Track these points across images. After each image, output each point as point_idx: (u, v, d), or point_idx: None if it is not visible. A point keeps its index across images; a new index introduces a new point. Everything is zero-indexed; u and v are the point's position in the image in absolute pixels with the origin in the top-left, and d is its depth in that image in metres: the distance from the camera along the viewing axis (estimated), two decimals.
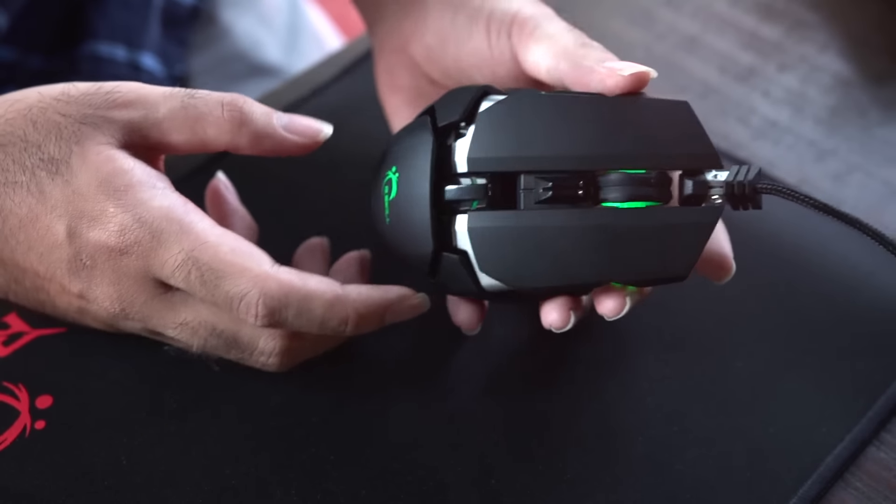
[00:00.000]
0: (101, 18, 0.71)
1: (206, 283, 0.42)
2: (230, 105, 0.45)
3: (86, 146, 0.43)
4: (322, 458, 0.47)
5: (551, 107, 0.43)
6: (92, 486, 0.45)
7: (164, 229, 0.42)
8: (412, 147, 0.45)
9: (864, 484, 0.47)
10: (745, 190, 0.43)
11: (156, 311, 0.44)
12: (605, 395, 0.49)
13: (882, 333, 0.51)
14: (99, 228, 0.43)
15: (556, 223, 0.42)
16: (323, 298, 0.43)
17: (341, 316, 0.43)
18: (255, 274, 0.42)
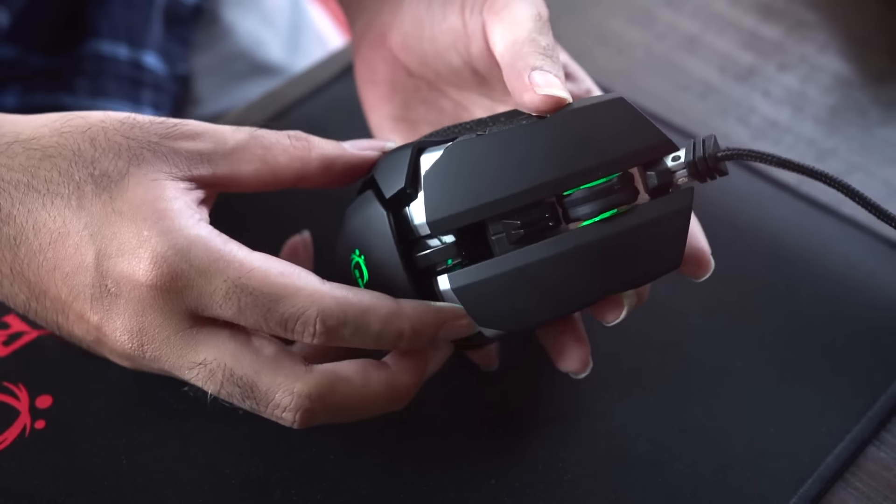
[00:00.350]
0: (103, 17, 0.71)
1: (259, 307, 0.40)
2: (296, 135, 0.45)
3: (144, 170, 0.42)
4: (322, 458, 0.47)
5: (492, 147, 0.42)
6: (92, 486, 0.45)
7: (203, 258, 0.40)
8: (369, 227, 0.44)
9: (864, 484, 0.47)
10: (708, 163, 0.42)
11: (175, 348, 0.42)
12: (605, 395, 0.49)
13: (882, 333, 0.51)
14: (129, 254, 0.41)
15: (538, 258, 0.41)
16: (379, 313, 0.41)
17: (397, 330, 0.42)
18: (310, 292, 0.41)
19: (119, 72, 0.71)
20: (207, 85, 0.76)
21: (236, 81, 0.76)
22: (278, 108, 0.61)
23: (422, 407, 0.48)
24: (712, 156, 0.42)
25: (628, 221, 0.42)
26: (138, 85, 0.72)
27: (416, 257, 0.43)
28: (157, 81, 0.72)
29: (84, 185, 0.42)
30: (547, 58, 0.44)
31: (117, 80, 0.71)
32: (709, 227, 0.56)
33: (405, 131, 0.52)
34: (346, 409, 0.43)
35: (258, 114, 0.61)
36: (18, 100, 0.70)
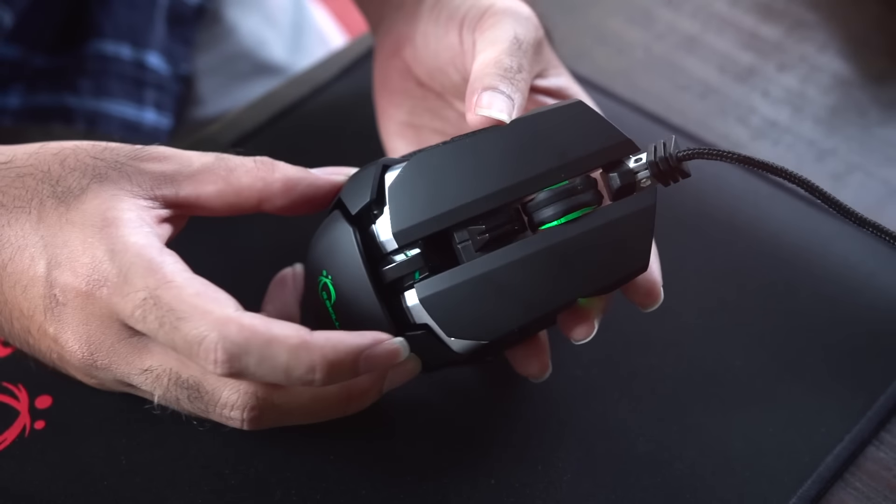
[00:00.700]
0: (106, 17, 0.71)
1: (164, 324, 0.40)
2: (261, 159, 0.45)
3: (105, 186, 0.42)
4: (322, 458, 0.47)
5: (453, 156, 0.42)
6: (92, 486, 0.45)
7: (131, 265, 0.40)
8: (336, 244, 0.44)
9: (863, 484, 0.47)
10: (670, 163, 0.43)
11: (121, 356, 0.42)
12: (605, 396, 0.49)
13: (882, 333, 0.51)
14: (75, 261, 0.41)
15: (504, 262, 0.41)
16: (287, 343, 0.39)
17: (307, 363, 0.39)
18: (215, 317, 0.39)
19: (122, 72, 0.71)
20: (210, 85, 0.76)
21: (239, 81, 0.76)
22: (279, 107, 0.61)
23: (422, 407, 0.49)
24: (673, 156, 0.42)
25: (593, 222, 0.42)
26: (141, 85, 0.72)
27: (383, 272, 0.43)
28: (160, 81, 0.73)
29: (46, 200, 0.43)
30: (504, 79, 0.45)
31: (120, 80, 0.71)
32: (708, 227, 0.56)
33: (410, 136, 0.53)
34: (297, 408, 0.42)
35: (259, 114, 0.61)
36: (22, 100, 0.70)
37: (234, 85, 0.76)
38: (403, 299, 0.43)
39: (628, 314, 0.52)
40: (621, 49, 0.67)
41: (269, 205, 0.45)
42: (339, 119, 0.49)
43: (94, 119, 0.70)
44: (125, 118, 0.71)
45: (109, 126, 0.71)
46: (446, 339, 0.43)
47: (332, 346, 0.39)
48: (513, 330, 0.42)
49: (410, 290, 0.42)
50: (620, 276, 0.43)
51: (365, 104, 0.58)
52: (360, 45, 0.65)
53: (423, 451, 0.47)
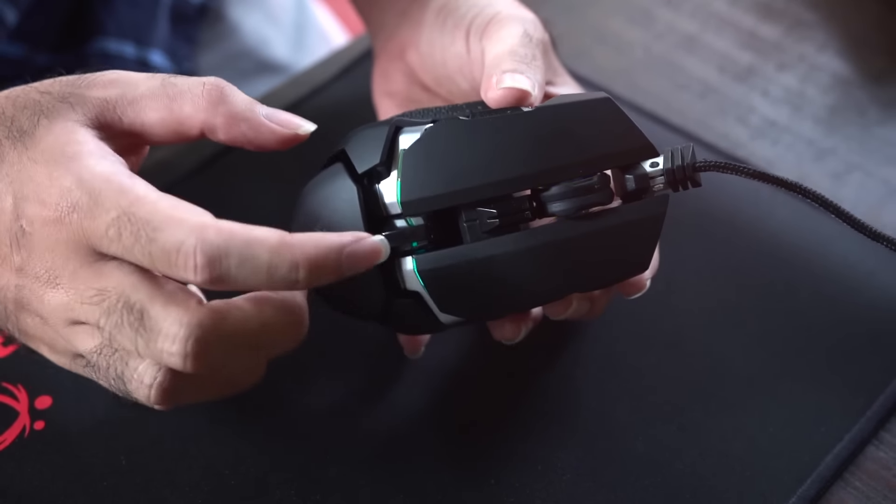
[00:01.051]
0: (109, 15, 0.71)
1: (140, 237, 0.39)
2: (211, 84, 0.44)
3: (54, 120, 0.43)
4: (322, 458, 0.47)
5: (474, 133, 0.42)
6: (92, 486, 0.45)
7: (102, 190, 0.40)
8: (336, 201, 0.43)
9: (863, 483, 0.47)
10: (685, 172, 0.43)
11: (82, 280, 0.41)
12: (604, 395, 0.49)
13: (881, 333, 0.51)
14: (42, 194, 0.41)
15: (508, 250, 0.41)
16: (267, 243, 0.38)
17: (290, 260, 0.38)
18: (192, 223, 0.39)
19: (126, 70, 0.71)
20: None
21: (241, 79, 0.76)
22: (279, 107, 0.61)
23: (421, 407, 0.49)
24: (690, 165, 0.43)
25: (603, 222, 0.42)
26: None
27: (386, 236, 0.41)
28: None
29: (3, 141, 0.43)
30: (522, 63, 0.45)
31: None
32: (708, 227, 0.56)
33: None
34: (242, 337, 0.40)
35: None
36: None
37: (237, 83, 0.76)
38: (399, 263, 0.42)
39: (628, 314, 0.52)
40: (621, 49, 0.67)
41: (212, 136, 0.44)
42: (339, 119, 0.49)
43: None
44: None
45: None
46: (435, 309, 0.43)
47: (314, 243, 0.39)
48: (500, 315, 0.43)
49: (407, 257, 0.42)
50: (618, 278, 0.43)
51: (365, 104, 0.58)
52: (360, 45, 0.65)
53: (422, 450, 0.47)
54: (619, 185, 0.43)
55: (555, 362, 0.50)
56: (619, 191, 0.43)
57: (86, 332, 0.42)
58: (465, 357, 0.50)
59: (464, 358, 0.50)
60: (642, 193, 0.43)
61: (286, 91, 0.63)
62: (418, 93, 0.53)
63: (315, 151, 0.48)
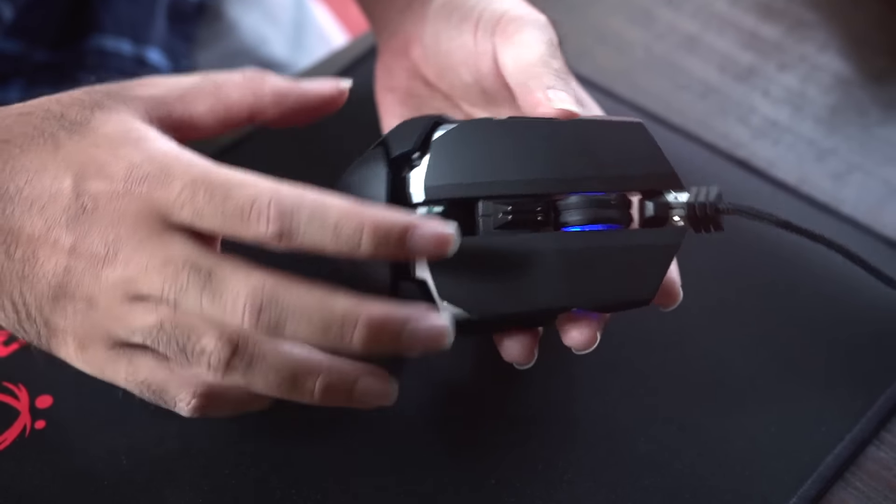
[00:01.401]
0: (106, 12, 0.71)
1: (214, 197, 0.40)
2: (249, 71, 0.46)
3: (108, 112, 0.44)
4: (322, 458, 0.47)
5: (506, 133, 0.43)
6: (92, 485, 0.45)
7: (172, 162, 0.41)
8: (365, 179, 0.44)
9: (864, 483, 0.47)
10: (708, 211, 0.42)
11: (147, 249, 0.41)
12: (605, 395, 0.49)
13: (882, 333, 0.51)
14: (107, 171, 0.42)
15: (517, 248, 0.42)
16: (338, 205, 0.40)
17: (356, 223, 0.39)
18: (267, 183, 0.40)
19: (122, 67, 0.71)
20: None
21: None
22: None
23: (422, 407, 0.49)
24: (713, 205, 0.42)
25: (615, 240, 0.42)
26: None
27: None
28: None
29: (57, 132, 0.43)
30: (560, 79, 0.46)
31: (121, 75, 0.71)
32: None
33: None
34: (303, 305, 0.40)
35: None
36: (22, 94, 0.70)
37: None
38: None
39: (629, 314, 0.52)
40: (621, 49, 0.67)
41: (261, 117, 0.46)
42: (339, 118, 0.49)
43: None
44: None
45: None
46: (438, 301, 0.43)
47: (384, 213, 0.40)
48: (499, 315, 0.42)
49: None
50: (622, 301, 0.43)
51: (365, 104, 0.58)
52: (360, 45, 0.65)
53: (423, 450, 0.47)
54: (640, 210, 0.43)
55: (555, 362, 0.50)
56: (640, 217, 0.43)
57: (144, 308, 0.42)
58: (466, 357, 0.50)
59: (464, 358, 0.50)
60: (661, 222, 0.43)
61: None
62: (420, 88, 0.54)
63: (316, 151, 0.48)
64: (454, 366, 0.50)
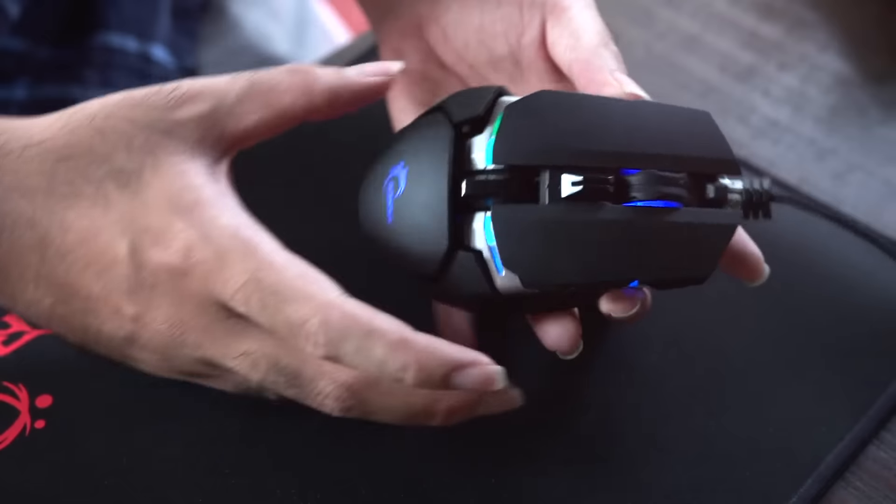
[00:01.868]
0: (111, 9, 0.71)
1: (266, 307, 0.40)
2: (293, 69, 0.44)
3: (159, 158, 0.42)
4: (322, 458, 0.47)
5: (576, 105, 0.43)
6: (92, 485, 0.45)
7: (228, 248, 0.40)
8: (426, 140, 0.44)
9: (864, 483, 0.47)
10: (763, 198, 0.44)
11: (217, 338, 0.42)
12: (605, 395, 0.49)
13: (882, 333, 0.51)
14: (163, 246, 0.41)
15: (582, 218, 0.42)
16: (386, 338, 0.39)
17: (402, 361, 0.39)
18: (319, 301, 0.39)
19: (128, 64, 0.71)
20: None
21: None
22: None
23: None
24: (768, 192, 0.44)
25: (678, 216, 0.42)
26: (147, 78, 0.72)
27: (465, 183, 0.42)
28: (165, 74, 0.73)
29: (105, 183, 0.42)
30: (620, 63, 0.46)
31: (126, 72, 0.72)
32: None
33: None
34: (385, 408, 0.43)
35: None
36: (28, 92, 0.70)
37: None
38: (470, 219, 0.43)
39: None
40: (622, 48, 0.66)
41: (315, 117, 0.45)
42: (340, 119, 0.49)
43: None
44: None
45: None
46: (495, 271, 0.43)
47: (430, 351, 0.39)
48: (561, 284, 0.42)
49: (479, 213, 0.43)
50: (680, 277, 0.43)
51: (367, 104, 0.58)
52: (364, 43, 0.65)
53: (423, 450, 0.47)
54: (699, 192, 0.44)
55: (553, 361, 0.50)
56: (699, 199, 0.44)
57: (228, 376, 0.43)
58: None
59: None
60: (718, 205, 0.44)
61: None
62: (434, 70, 0.53)
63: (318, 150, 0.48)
64: None
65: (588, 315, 0.46)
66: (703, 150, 0.44)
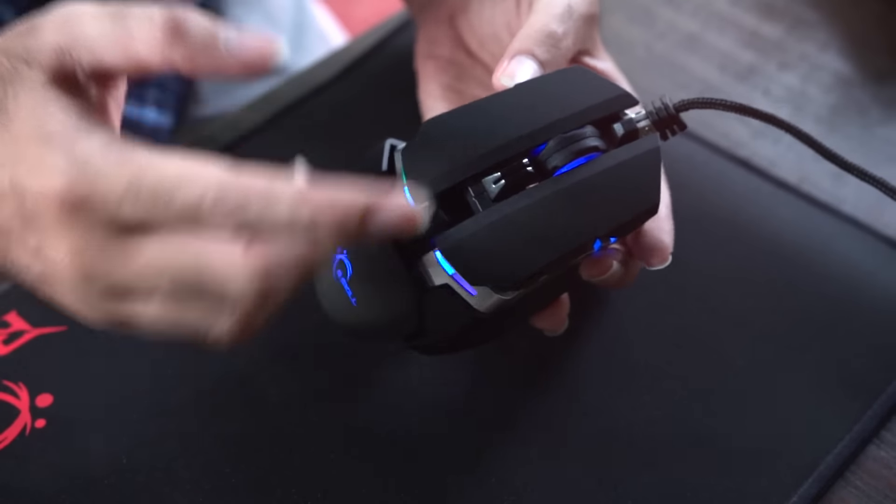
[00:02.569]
0: None
1: (157, 202, 0.38)
2: (165, 18, 0.42)
3: (19, 87, 0.41)
4: (322, 457, 0.47)
5: (463, 116, 0.44)
6: (92, 485, 0.45)
7: (101, 163, 0.39)
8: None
9: (864, 482, 0.47)
10: (668, 112, 0.45)
11: (114, 257, 0.40)
12: (605, 395, 0.49)
13: (882, 333, 0.51)
14: (37, 175, 0.40)
15: (519, 207, 0.42)
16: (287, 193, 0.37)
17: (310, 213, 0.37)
18: (208, 177, 0.38)
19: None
20: (212, 83, 0.76)
21: None
22: (279, 107, 0.61)
23: (421, 407, 0.49)
24: (669, 105, 0.45)
25: (604, 163, 0.43)
26: (142, 84, 0.72)
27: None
28: (161, 80, 0.73)
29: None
30: (544, 44, 0.47)
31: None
32: (709, 226, 0.56)
33: (453, 100, 0.54)
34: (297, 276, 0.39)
35: (259, 113, 0.61)
36: None
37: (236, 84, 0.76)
38: (422, 263, 0.43)
39: (628, 314, 0.52)
40: (622, 48, 0.66)
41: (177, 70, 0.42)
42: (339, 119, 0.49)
43: None
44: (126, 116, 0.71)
45: None
46: (468, 296, 0.43)
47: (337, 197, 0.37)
48: (529, 274, 0.42)
49: (427, 254, 0.43)
50: (633, 216, 0.44)
51: (366, 104, 0.58)
52: (361, 45, 0.65)
53: (423, 450, 0.47)
54: (610, 136, 0.45)
55: (555, 361, 0.50)
56: (611, 141, 0.45)
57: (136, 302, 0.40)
58: (465, 357, 0.50)
59: (464, 358, 0.50)
60: (632, 137, 0.45)
61: (285, 90, 0.63)
62: (462, 57, 0.55)
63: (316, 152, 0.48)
64: (454, 367, 0.50)
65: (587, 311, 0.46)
66: (592, 97, 0.44)
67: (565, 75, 0.45)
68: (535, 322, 0.47)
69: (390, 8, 0.68)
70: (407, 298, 0.43)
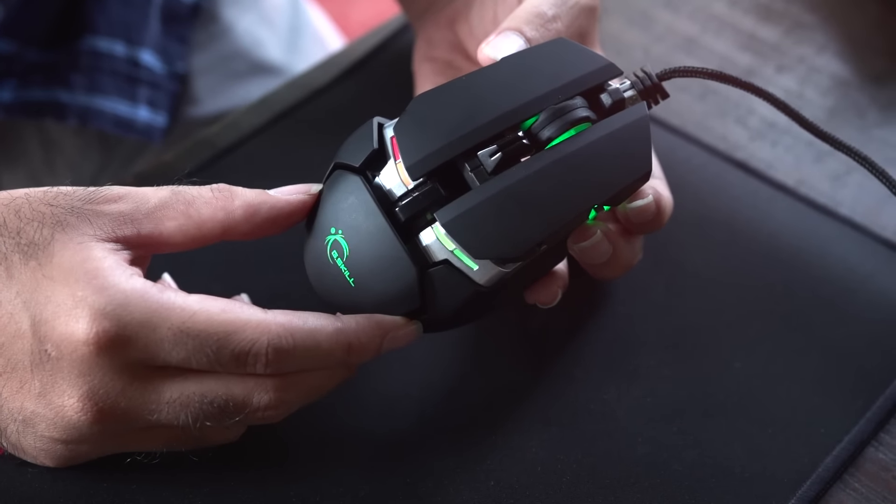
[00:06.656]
0: (100, 13, 0.71)
1: (208, 348, 0.41)
2: (218, 187, 0.45)
3: (69, 234, 0.42)
4: (322, 458, 0.47)
5: (452, 94, 0.44)
6: (92, 486, 0.45)
7: (143, 310, 0.40)
8: (344, 197, 0.44)
9: (862, 485, 0.47)
10: (652, 80, 0.47)
11: (135, 397, 0.41)
12: (604, 396, 0.49)
13: (881, 334, 0.51)
14: (66, 316, 0.40)
15: (516, 178, 0.43)
16: (325, 332, 0.42)
17: (344, 344, 0.43)
18: (256, 323, 0.41)
19: (115, 68, 0.71)
20: (206, 84, 0.76)
21: (235, 80, 0.76)
22: (277, 110, 0.61)
23: (421, 407, 0.49)
24: (653, 74, 0.47)
25: (595, 133, 0.44)
26: (135, 82, 0.72)
27: (398, 210, 0.43)
28: (153, 79, 0.73)
29: (11, 255, 0.42)
30: (532, 23, 0.47)
31: (114, 76, 0.71)
32: (707, 229, 0.56)
33: None
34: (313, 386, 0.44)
35: (257, 116, 0.61)
36: (14, 94, 0.70)
37: (231, 84, 0.76)
38: (419, 240, 0.43)
39: (628, 315, 0.52)
40: (620, 50, 0.67)
41: (234, 234, 0.45)
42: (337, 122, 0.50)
43: (86, 115, 0.70)
44: (118, 115, 0.71)
45: (101, 122, 0.71)
46: (468, 270, 0.43)
47: (363, 328, 0.43)
48: (530, 246, 0.43)
49: (426, 230, 0.43)
50: (626, 184, 0.44)
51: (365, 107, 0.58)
52: (359, 49, 0.65)
53: (422, 451, 0.47)
54: (598, 106, 0.46)
55: (554, 363, 0.50)
56: (599, 111, 0.45)
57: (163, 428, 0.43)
58: (465, 357, 0.50)
59: (463, 358, 0.50)
60: (620, 106, 0.46)
61: (284, 94, 0.63)
62: (460, 60, 0.56)
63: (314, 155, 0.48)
64: (453, 367, 0.50)
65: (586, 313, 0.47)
66: (578, 69, 0.45)
67: (550, 47, 0.46)
68: (529, 296, 0.47)
69: (387, 10, 0.68)
70: (407, 276, 0.43)
